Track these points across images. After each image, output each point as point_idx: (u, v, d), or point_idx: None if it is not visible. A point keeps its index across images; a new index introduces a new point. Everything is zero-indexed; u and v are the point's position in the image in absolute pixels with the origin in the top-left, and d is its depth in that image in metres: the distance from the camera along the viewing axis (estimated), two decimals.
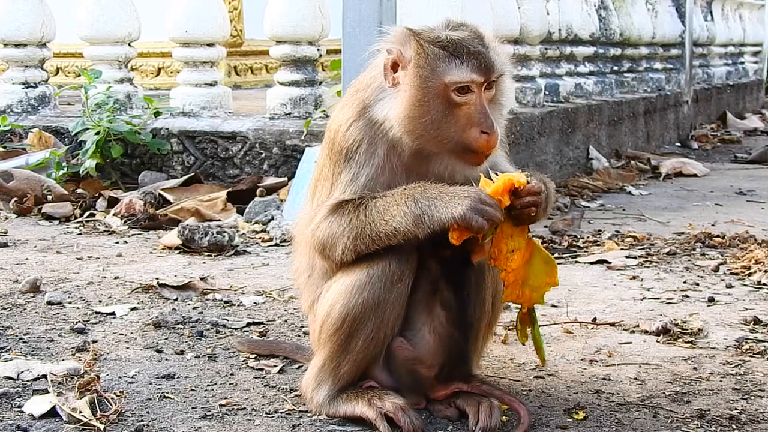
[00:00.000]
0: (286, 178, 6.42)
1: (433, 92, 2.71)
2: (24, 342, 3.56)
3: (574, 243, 5.35)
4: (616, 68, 9.67)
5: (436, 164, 2.79)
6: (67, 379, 3.11)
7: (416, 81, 2.71)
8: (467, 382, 2.87)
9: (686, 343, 3.62)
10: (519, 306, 2.88)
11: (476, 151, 2.73)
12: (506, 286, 2.78)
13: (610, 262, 4.94)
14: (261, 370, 3.27)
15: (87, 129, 6.62)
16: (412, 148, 2.76)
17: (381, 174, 2.79)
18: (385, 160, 2.79)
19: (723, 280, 4.62)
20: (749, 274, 4.69)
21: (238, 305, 4.11)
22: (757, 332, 3.77)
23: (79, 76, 8.09)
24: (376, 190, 2.77)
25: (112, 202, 6.21)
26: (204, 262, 4.93)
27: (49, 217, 6.05)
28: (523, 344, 2.88)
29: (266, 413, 2.88)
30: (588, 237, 5.52)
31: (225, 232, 5.20)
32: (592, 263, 4.95)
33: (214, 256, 5.07)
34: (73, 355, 3.41)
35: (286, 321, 3.89)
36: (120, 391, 3.02)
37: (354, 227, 2.72)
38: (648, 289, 4.44)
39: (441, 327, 2.83)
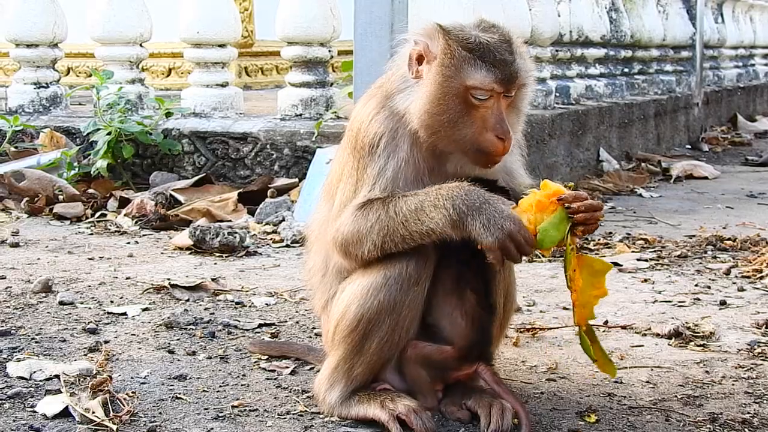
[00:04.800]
0: (297, 179, 6.42)
1: (453, 92, 2.71)
2: (36, 342, 3.56)
3: (585, 245, 5.35)
4: (626, 70, 9.66)
5: (452, 162, 2.79)
6: (79, 380, 3.12)
7: (438, 78, 2.72)
8: (488, 365, 2.89)
9: (698, 346, 3.62)
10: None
11: (489, 154, 2.74)
12: (575, 307, 2.81)
13: (621, 265, 4.93)
14: (273, 371, 3.28)
15: (98, 129, 6.64)
16: (428, 144, 2.77)
17: (406, 168, 2.78)
18: (409, 154, 2.79)
19: (734, 283, 4.62)
20: (761, 278, 4.68)
21: (250, 306, 4.12)
22: None
23: (91, 76, 8.11)
24: (403, 186, 2.77)
25: (124, 203, 6.22)
26: (215, 263, 4.93)
27: (60, 217, 6.07)
28: (594, 361, 2.87)
29: (278, 414, 2.89)
30: (599, 239, 5.51)
31: (236, 232, 5.20)
32: None
33: (226, 256, 5.07)
34: (86, 355, 3.42)
35: (297, 322, 3.90)
36: (132, 392, 3.03)
37: (384, 225, 2.71)
38: (659, 292, 4.43)
39: (472, 309, 2.83)
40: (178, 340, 3.62)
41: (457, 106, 2.72)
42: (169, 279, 4.42)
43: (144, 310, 4.02)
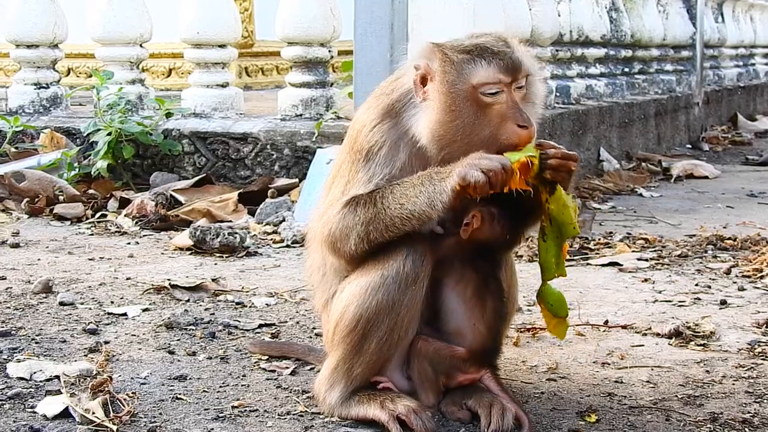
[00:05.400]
0: (297, 180, 6.42)
1: (462, 96, 2.70)
2: (36, 342, 3.57)
3: (586, 245, 5.35)
4: (626, 70, 9.66)
5: None
6: (79, 380, 3.12)
7: (444, 87, 2.71)
8: (494, 373, 2.90)
9: (698, 346, 3.62)
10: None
11: (513, 146, 2.71)
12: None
13: (621, 265, 4.93)
14: (273, 371, 3.28)
15: (99, 130, 6.64)
16: (439, 158, 2.75)
17: (401, 176, 2.78)
18: (407, 163, 2.79)
19: (735, 282, 4.61)
20: (761, 277, 4.68)
21: (250, 306, 4.12)
22: None
23: (91, 76, 8.11)
24: None
25: (124, 203, 6.22)
26: (215, 264, 4.93)
27: (60, 218, 6.07)
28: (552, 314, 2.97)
29: (278, 415, 2.89)
30: (599, 239, 5.51)
31: (236, 233, 5.20)
32: (603, 265, 4.94)
33: (226, 257, 5.07)
34: (86, 355, 3.42)
35: (297, 322, 3.90)
36: (132, 392, 3.03)
37: (369, 215, 2.72)
38: (660, 292, 4.43)
39: (491, 317, 2.85)
40: (178, 340, 3.62)
41: (469, 109, 2.71)
42: (169, 279, 4.42)
43: (144, 310, 4.02)
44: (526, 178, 2.67)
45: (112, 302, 4.15)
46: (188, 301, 4.18)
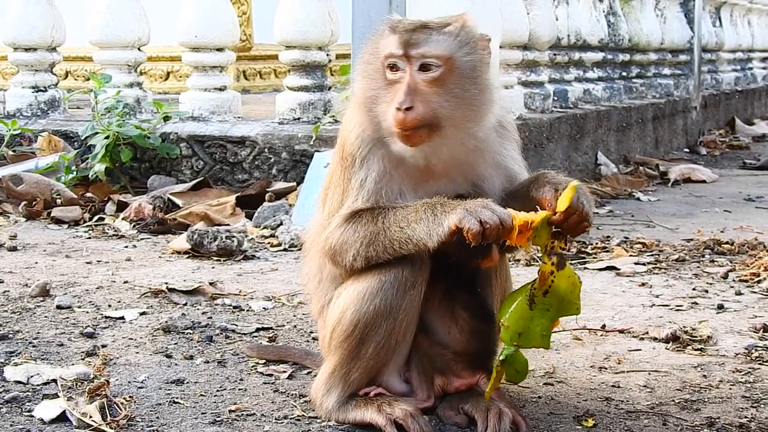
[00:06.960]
0: (295, 183, 6.42)
1: (374, 67, 2.76)
2: (34, 346, 3.56)
3: (583, 249, 5.35)
4: (624, 74, 9.67)
5: (427, 164, 2.78)
6: (76, 384, 3.12)
7: (365, 56, 2.79)
8: (490, 376, 2.88)
9: (695, 350, 3.62)
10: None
11: (394, 129, 2.69)
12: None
13: (619, 269, 4.94)
14: (270, 375, 3.28)
15: (96, 133, 6.64)
16: (376, 137, 2.77)
17: (384, 179, 2.78)
18: (382, 164, 2.79)
19: (732, 287, 4.62)
20: (758, 281, 4.68)
21: (247, 310, 4.12)
22: (767, 340, 3.76)
23: (89, 80, 8.10)
24: (386, 195, 2.77)
25: (122, 206, 6.22)
26: (213, 267, 4.93)
27: (58, 221, 6.07)
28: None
29: (276, 419, 2.89)
30: (597, 243, 5.51)
31: (234, 236, 5.20)
32: (601, 270, 4.94)
33: (223, 260, 5.07)
34: (83, 359, 3.42)
35: (295, 326, 3.90)
36: (130, 396, 3.03)
37: (369, 233, 2.72)
38: (657, 296, 4.44)
39: (466, 324, 2.86)
40: (175, 344, 3.62)
41: (378, 81, 2.75)
42: (166, 283, 4.42)
43: (141, 314, 4.02)
44: (528, 237, 2.61)
45: (109, 306, 4.15)
46: (185, 304, 4.18)
